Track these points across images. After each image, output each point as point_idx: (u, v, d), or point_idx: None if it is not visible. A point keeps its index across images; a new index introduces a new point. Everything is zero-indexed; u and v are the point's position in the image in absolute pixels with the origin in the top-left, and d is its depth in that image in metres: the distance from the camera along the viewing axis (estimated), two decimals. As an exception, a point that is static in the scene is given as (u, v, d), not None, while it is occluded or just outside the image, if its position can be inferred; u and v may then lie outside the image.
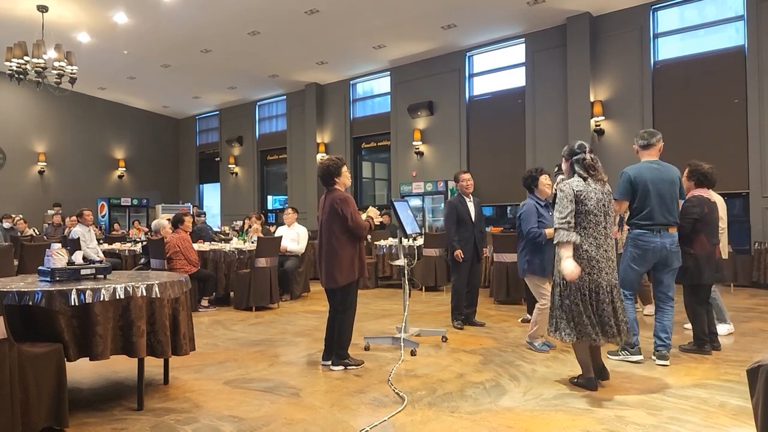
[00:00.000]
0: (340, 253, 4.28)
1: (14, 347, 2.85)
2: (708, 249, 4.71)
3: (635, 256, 4.44)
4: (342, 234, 4.29)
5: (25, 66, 9.97)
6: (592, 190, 3.77)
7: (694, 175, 4.97)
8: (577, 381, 3.91)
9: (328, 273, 4.33)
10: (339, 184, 4.42)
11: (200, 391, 3.87)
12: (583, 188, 3.76)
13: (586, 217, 3.74)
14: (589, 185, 3.79)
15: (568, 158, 3.96)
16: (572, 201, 3.72)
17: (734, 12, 9.87)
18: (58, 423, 3.04)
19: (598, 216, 3.76)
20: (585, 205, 3.74)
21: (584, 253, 3.73)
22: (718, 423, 3.17)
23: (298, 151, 16.46)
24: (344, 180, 4.44)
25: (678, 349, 4.87)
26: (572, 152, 3.92)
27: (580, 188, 3.76)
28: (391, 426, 3.19)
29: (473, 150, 13.09)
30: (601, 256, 3.74)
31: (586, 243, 3.73)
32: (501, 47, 12.68)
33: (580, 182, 3.79)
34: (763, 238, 9.22)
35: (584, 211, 3.74)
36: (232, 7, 10.88)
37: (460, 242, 5.97)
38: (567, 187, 3.78)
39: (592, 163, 3.84)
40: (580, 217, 3.75)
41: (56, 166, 16.94)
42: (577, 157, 3.88)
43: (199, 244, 8.51)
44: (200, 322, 6.35)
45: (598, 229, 3.75)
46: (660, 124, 10.41)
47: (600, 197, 3.78)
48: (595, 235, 3.74)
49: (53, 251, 3.65)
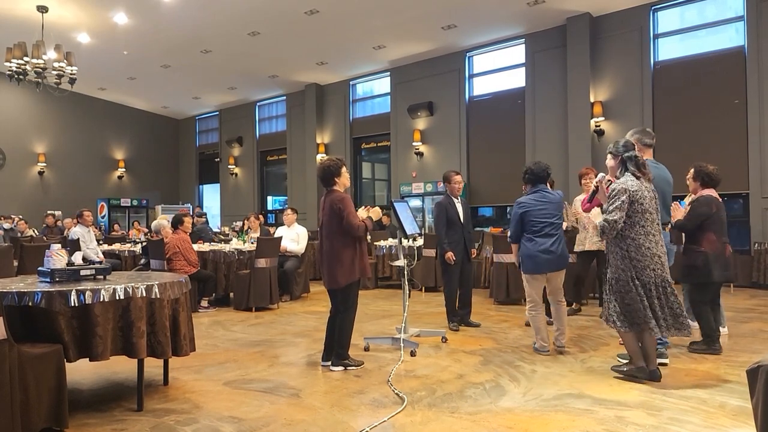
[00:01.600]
0: (341, 253, 4.29)
1: (14, 348, 2.85)
2: (718, 247, 4.74)
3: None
4: (342, 234, 4.30)
5: (25, 66, 9.97)
6: (645, 188, 3.88)
7: (700, 175, 5.02)
8: (626, 371, 3.97)
9: (330, 273, 4.34)
10: (338, 184, 4.44)
11: (200, 391, 3.87)
12: (638, 188, 3.84)
13: (643, 215, 3.84)
14: (642, 183, 3.88)
15: (617, 155, 4.00)
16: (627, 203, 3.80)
17: (734, 12, 9.87)
18: (57, 424, 3.04)
19: (653, 214, 3.89)
20: (641, 204, 3.83)
21: (647, 251, 3.83)
22: (718, 423, 3.17)
23: (298, 152, 16.46)
24: (344, 181, 4.46)
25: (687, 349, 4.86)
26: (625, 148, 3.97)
27: (635, 188, 3.84)
28: (391, 427, 3.19)
29: (473, 150, 13.09)
30: (661, 252, 3.88)
31: (647, 241, 3.84)
32: (501, 48, 12.68)
33: (634, 182, 3.86)
34: (763, 238, 9.23)
35: (641, 210, 3.84)
36: (232, 8, 10.88)
37: (451, 244, 5.91)
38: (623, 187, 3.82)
39: (644, 162, 3.95)
40: (638, 216, 3.84)
41: (56, 167, 16.94)
42: (629, 154, 3.94)
43: (199, 244, 8.51)
44: (200, 323, 6.35)
45: (654, 226, 3.88)
46: (660, 124, 10.42)
47: (651, 195, 3.90)
48: (653, 232, 3.87)
49: (53, 252, 3.65)
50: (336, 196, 4.34)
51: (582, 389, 3.80)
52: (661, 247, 3.89)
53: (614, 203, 3.82)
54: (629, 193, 3.80)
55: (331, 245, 4.34)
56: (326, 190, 4.47)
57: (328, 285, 4.41)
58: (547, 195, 4.89)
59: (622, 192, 3.82)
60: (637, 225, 3.83)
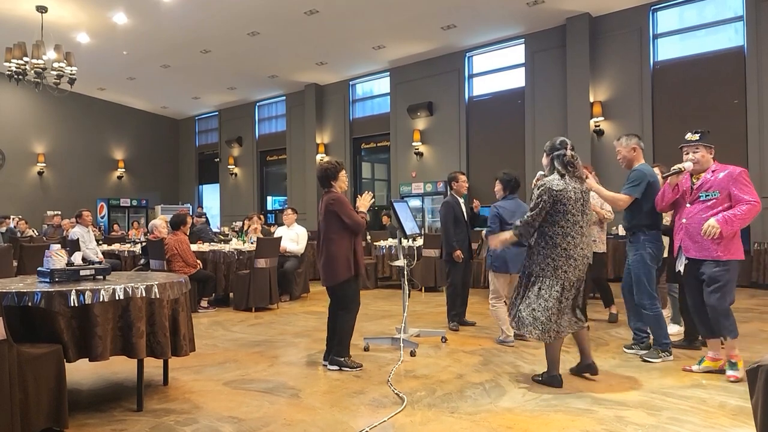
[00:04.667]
0: (336, 250, 4.36)
1: (14, 348, 2.85)
2: None
3: (654, 255, 4.50)
4: (336, 233, 4.37)
5: (25, 66, 9.97)
6: (571, 189, 3.80)
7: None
8: (542, 378, 3.95)
9: (325, 270, 4.42)
10: (335, 187, 4.52)
11: (200, 392, 3.87)
12: (563, 187, 3.78)
13: (564, 216, 3.78)
14: (567, 183, 3.81)
15: (549, 153, 3.98)
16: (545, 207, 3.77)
17: (734, 12, 9.87)
18: (57, 424, 3.04)
19: (576, 215, 3.80)
20: (564, 204, 3.77)
21: (563, 252, 3.77)
22: (718, 423, 3.17)
23: (297, 152, 16.46)
24: (341, 184, 4.54)
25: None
26: (553, 148, 3.94)
27: (560, 188, 3.78)
28: (391, 427, 3.19)
29: (473, 150, 13.10)
30: (578, 255, 3.81)
31: (564, 242, 3.78)
32: (501, 48, 12.69)
33: (560, 182, 3.81)
34: (763, 238, 9.23)
35: (562, 210, 3.78)
36: (232, 8, 10.88)
37: (458, 243, 6.00)
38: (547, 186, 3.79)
39: (572, 160, 3.86)
40: (558, 216, 3.79)
41: (56, 167, 16.94)
42: (557, 153, 3.89)
43: (199, 244, 8.50)
44: (200, 323, 6.35)
45: (575, 228, 3.80)
46: (660, 124, 10.43)
47: (578, 196, 3.82)
48: (573, 234, 3.79)
49: (52, 252, 3.64)
50: (330, 197, 4.42)
51: (582, 389, 3.80)
52: (580, 250, 3.80)
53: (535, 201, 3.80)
54: (552, 192, 3.76)
55: (326, 244, 4.41)
56: (324, 191, 4.57)
57: (323, 282, 4.48)
58: (521, 203, 5.30)
59: (544, 192, 3.79)
60: (556, 225, 3.79)
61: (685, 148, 4.16)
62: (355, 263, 4.40)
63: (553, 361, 3.90)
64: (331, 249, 4.36)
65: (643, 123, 10.59)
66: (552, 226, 3.80)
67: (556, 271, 3.78)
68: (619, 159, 4.78)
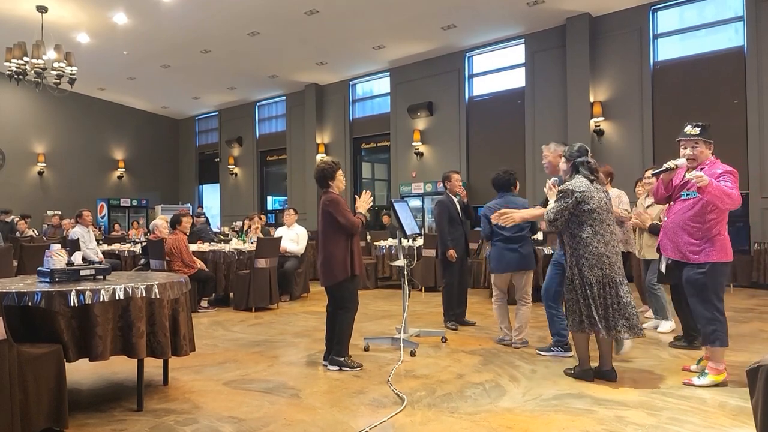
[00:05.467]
0: (333, 251, 4.39)
1: (14, 348, 2.85)
2: None
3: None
4: (333, 233, 4.40)
5: (25, 66, 9.97)
6: (594, 189, 3.90)
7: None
8: (573, 372, 4.03)
9: (323, 271, 4.45)
10: (333, 187, 4.54)
11: (200, 392, 3.87)
12: (585, 189, 3.87)
13: (590, 215, 3.86)
14: (590, 185, 3.91)
15: (569, 159, 4.03)
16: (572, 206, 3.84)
17: (734, 12, 9.87)
18: (57, 424, 3.04)
19: (602, 214, 3.88)
20: (587, 204, 3.85)
21: (594, 250, 3.84)
22: (718, 423, 3.17)
23: (297, 152, 16.46)
24: (338, 183, 4.57)
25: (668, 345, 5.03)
26: (573, 154, 4.03)
27: (583, 189, 3.87)
28: (391, 427, 3.19)
29: (473, 150, 13.10)
30: (611, 252, 3.87)
31: (595, 240, 3.85)
32: (501, 48, 12.68)
33: (582, 183, 3.89)
34: (763, 238, 9.23)
35: (587, 209, 3.85)
36: (232, 8, 10.88)
37: (452, 241, 5.99)
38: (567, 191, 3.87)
39: (596, 167, 4.01)
40: (584, 216, 3.86)
41: (56, 167, 16.94)
42: (582, 159, 4.00)
43: (198, 244, 8.50)
44: (200, 323, 6.35)
45: (603, 226, 3.88)
46: (660, 124, 10.44)
47: (601, 196, 3.92)
48: (602, 232, 3.87)
49: (52, 252, 3.64)
50: (326, 198, 4.45)
51: (582, 389, 3.80)
52: (612, 248, 3.88)
53: (558, 204, 3.89)
54: (576, 194, 3.85)
55: (324, 243, 4.44)
56: (322, 191, 4.60)
57: (322, 282, 4.51)
58: (512, 200, 5.24)
59: (568, 194, 3.87)
60: (585, 224, 3.86)
61: (683, 142, 3.99)
62: (351, 263, 4.40)
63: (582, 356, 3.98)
64: (328, 249, 4.40)
65: (643, 123, 10.59)
66: (581, 226, 3.88)
67: (592, 269, 3.84)
68: (544, 164, 4.85)
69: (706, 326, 3.80)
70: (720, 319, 3.79)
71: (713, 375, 3.83)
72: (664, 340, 5.29)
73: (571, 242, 3.94)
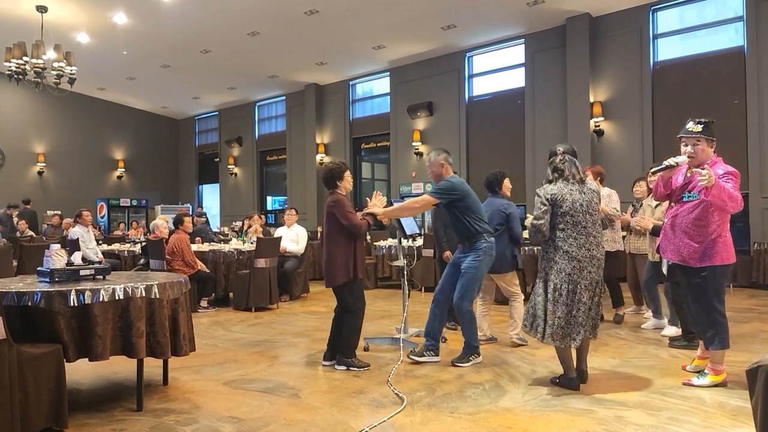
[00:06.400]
0: (335, 253, 4.37)
1: (14, 348, 2.85)
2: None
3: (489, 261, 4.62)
4: (336, 234, 4.39)
5: (25, 66, 9.97)
6: (567, 191, 3.81)
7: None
8: (559, 381, 3.92)
9: (326, 272, 4.43)
10: (340, 187, 4.52)
11: (200, 391, 3.87)
12: (557, 191, 3.81)
13: (562, 218, 3.79)
14: (563, 187, 3.82)
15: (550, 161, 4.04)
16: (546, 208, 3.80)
17: (734, 13, 9.87)
18: (57, 424, 3.04)
19: (576, 216, 3.78)
20: (560, 207, 3.79)
21: (564, 254, 3.76)
22: (718, 423, 3.17)
23: (297, 152, 16.46)
24: (346, 184, 4.54)
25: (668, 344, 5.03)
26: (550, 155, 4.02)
27: (554, 191, 3.81)
28: (391, 427, 3.19)
29: (473, 150, 13.09)
30: (583, 256, 3.75)
31: (566, 243, 3.77)
32: (501, 48, 12.68)
33: (551, 186, 3.86)
34: (763, 238, 9.23)
35: (559, 213, 3.79)
36: (231, 8, 10.88)
37: (448, 243, 5.96)
38: (541, 193, 3.86)
39: (559, 165, 3.89)
40: (556, 219, 3.80)
41: (55, 167, 16.93)
42: (549, 161, 3.98)
43: (198, 244, 8.50)
44: (200, 323, 6.35)
45: (577, 228, 3.77)
46: (659, 124, 10.43)
47: (576, 197, 3.80)
48: (575, 235, 3.77)
49: (52, 252, 3.65)
50: (331, 199, 4.44)
51: (582, 389, 3.80)
52: (585, 251, 3.75)
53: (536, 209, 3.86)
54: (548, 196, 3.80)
55: (327, 245, 4.43)
56: (328, 192, 4.57)
57: (326, 284, 4.49)
58: (492, 202, 5.31)
59: (537, 198, 3.86)
60: (556, 227, 3.79)
61: (684, 139, 3.85)
62: (354, 267, 4.37)
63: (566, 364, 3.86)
64: (331, 250, 4.39)
65: (643, 123, 10.59)
66: (552, 229, 3.81)
67: (559, 273, 3.76)
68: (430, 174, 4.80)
69: (707, 328, 3.78)
70: (720, 321, 3.76)
71: (713, 375, 3.82)
72: (664, 340, 5.29)
73: (543, 245, 3.90)
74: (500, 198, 5.38)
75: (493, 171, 5.48)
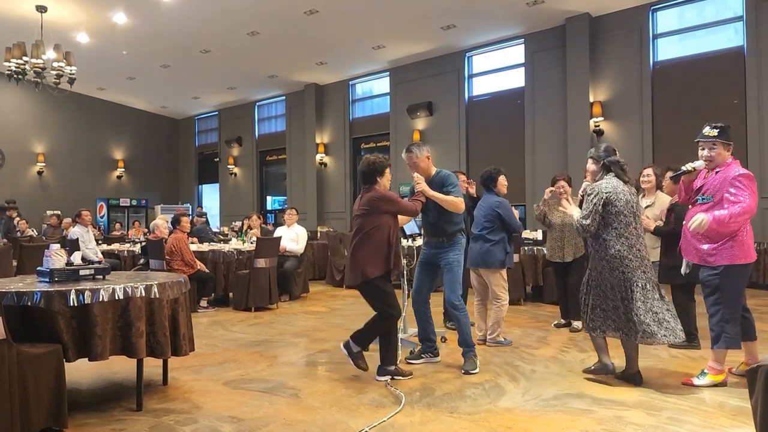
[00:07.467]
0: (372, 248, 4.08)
1: (13, 348, 2.85)
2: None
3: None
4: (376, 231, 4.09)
5: (24, 66, 9.96)
6: (621, 191, 3.84)
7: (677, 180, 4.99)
8: (593, 369, 4.03)
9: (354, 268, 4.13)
10: (379, 184, 4.24)
11: (199, 391, 3.87)
12: (612, 190, 3.82)
13: (616, 217, 3.82)
14: (618, 186, 3.85)
15: (599, 160, 4.00)
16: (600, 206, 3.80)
17: (733, 12, 9.87)
18: (57, 424, 3.04)
19: (628, 216, 3.82)
20: (615, 206, 3.81)
21: (617, 253, 3.80)
22: (717, 423, 3.17)
23: (297, 152, 16.46)
24: (385, 182, 4.27)
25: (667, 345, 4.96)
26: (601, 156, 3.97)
27: (609, 190, 3.82)
28: (390, 426, 3.19)
29: (472, 150, 13.09)
30: (634, 255, 3.79)
31: (618, 243, 3.80)
32: (500, 48, 12.68)
33: (609, 184, 3.85)
34: (763, 238, 9.22)
35: (614, 212, 3.81)
36: (231, 7, 10.88)
37: None
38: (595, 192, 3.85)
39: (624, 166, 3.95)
40: (611, 218, 3.82)
41: (55, 167, 16.92)
42: (612, 159, 3.94)
43: (197, 244, 8.50)
44: (199, 323, 6.34)
45: (628, 229, 3.82)
46: (659, 124, 10.43)
47: (629, 198, 3.85)
48: (626, 235, 3.81)
49: (52, 252, 3.64)
50: (375, 195, 4.14)
51: (581, 389, 3.80)
52: (636, 251, 3.80)
53: (587, 206, 3.86)
54: (603, 195, 3.81)
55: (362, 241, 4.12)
56: (365, 187, 4.29)
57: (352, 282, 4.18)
58: (486, 199, 5.33)
59: (596, 194, 3.84)
60: (608, 227, 3.82)
61: (701, 143, 3.86)
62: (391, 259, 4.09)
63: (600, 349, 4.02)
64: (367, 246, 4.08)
65: (642, 123, 10.59)
66: (605, 228, 3.83)
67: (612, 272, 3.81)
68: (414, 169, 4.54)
69: (716, 327, 3.80)
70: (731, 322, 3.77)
71: (712, 375, 3.83)
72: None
73: (594, 243, 3.91)
74: (494, 195, 5.31)
75: (488, 168, 5.45)
